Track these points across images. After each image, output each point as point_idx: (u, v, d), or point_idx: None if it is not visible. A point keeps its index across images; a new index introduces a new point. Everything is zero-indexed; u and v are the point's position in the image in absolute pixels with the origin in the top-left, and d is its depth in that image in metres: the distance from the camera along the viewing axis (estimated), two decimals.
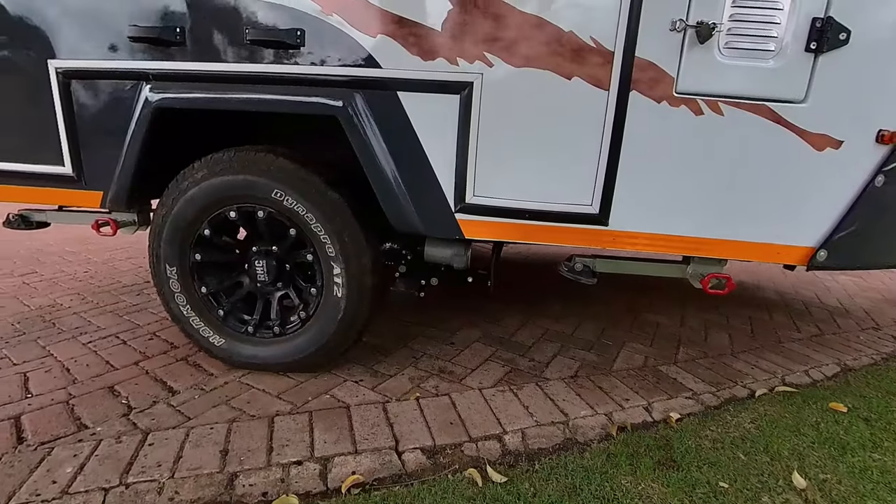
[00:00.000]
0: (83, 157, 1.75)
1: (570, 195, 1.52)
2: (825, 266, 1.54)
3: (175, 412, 1.56)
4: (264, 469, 1.31)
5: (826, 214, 1.49)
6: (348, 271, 1.63)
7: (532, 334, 2.25)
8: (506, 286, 2.92)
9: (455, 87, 1.47)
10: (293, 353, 1.75)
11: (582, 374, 1.90)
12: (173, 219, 1.69)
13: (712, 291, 1.65)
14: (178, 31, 1.55)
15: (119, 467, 1.30)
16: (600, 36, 1.39)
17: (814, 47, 1.34)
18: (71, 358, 1.90)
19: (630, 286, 3.06)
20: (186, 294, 1.78)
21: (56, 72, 1.65)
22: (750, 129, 1.42)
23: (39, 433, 1.44)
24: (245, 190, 1.62)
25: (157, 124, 1.63)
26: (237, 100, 1.58)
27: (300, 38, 1.49)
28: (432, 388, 1.74)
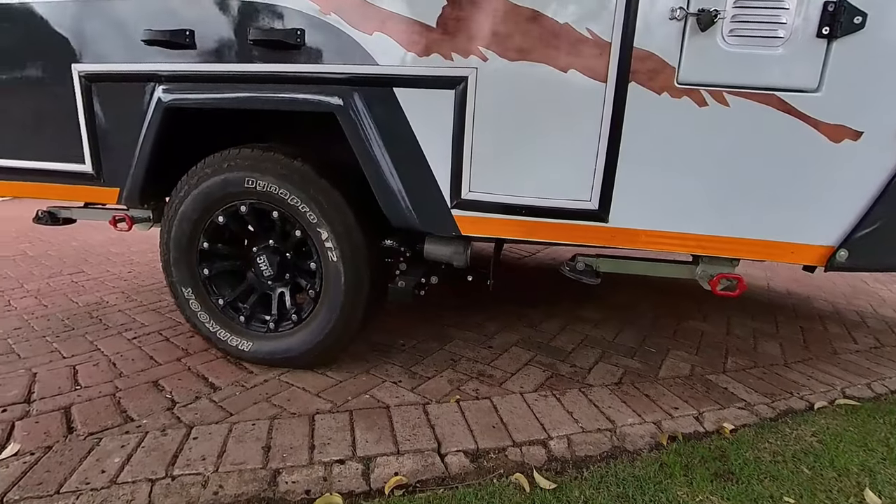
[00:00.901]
0: (102, 155, 1.82)
1: (568, 191, 1.46)
2: (846, 267, 1.41)
3: (217, 408, 1.57)
4: (307, 467, 1.29)
5: (845, 211, 1.37)
6: (334, 231, 1.61)
7: (572, 340, 2.19)
8: (542, 291, 2.86)
9: (450, 81, 1.45)
10: (317, 333, 1.72)
11: (626, 382, 1.83)
12: (175, 241, 1.78)
13: (722, 293, 1.56)
14: (188, 34, 1.61)
15: (165, 459, 1.30)
16: (596, 27, 1.34)
17: (826, 32, 1.24)
18: (117, 353, 1.94)
19: (670, 293, 2.96)
20: (208, 311, 1.83)
21: (79, 75, 1.74)
22: (758, 121, 1.33)
23: (88, 424, 1.47)
24: (228, 188, 1.67)
25: (169, 123, 1.68)
26: (239, 99, 1.62)
27: (300, 38, 1.52)
28: (472, 392, 1.70)
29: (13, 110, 1.87)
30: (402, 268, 1.78)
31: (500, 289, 2.84)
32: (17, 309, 2.45)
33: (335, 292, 1.67)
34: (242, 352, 1.81)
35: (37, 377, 1.74)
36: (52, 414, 1.52)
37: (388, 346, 2.05)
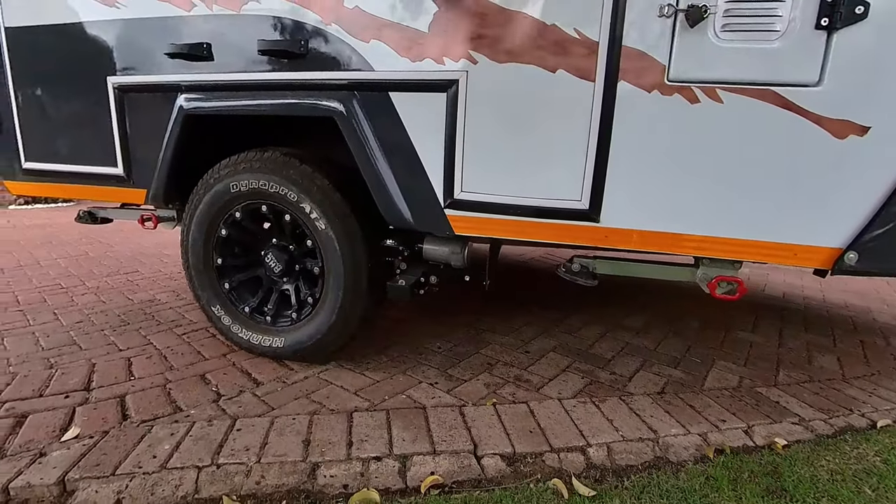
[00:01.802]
0: (131, 159, 1.98)
1: (559, 190, 1.46)
2: (856, 270, 1.33)
3: (260, 401, 1.61)
4: (345, 462, 1.31)
5: (853, 211, 1.28)
6: (322, 209, 1.67)
7: (611, 347, 2.14)
8: (579, 298, 2.81)
9: (441, 85, 1.48)
10: (333, 310, 1.75)
11: (669, 391, 1.77)
12: (194, 264, 1.94)
13: (721, 296, 1.50)
14: (206, 46, 1.74)
15: (211, 448, 1.35)
16: (584, 27, 1.34)
17: (825, 24, 1.19)
18: (168, 347, 2.04)
19: (719, 303, 2.84)
20: (239, 322, 1.92)
21: (113, 87, 1.91)
22: (754, 117, 1.28)
23: (141, 412, 1.54)
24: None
25: (189, 130, 1.82)
26: (249, 106, 1.73)
27: (304, 47, 1.60)
28: (509, 396, 1.69)
29: (59, 120, 2.07)
30: (402, 267, 1.82)
31: (536, 295, 2.81)
32: (78, 304, 2.61)
33: (335, 263, 1.72)
34: (278, 348, 1.87)
35: (95, 367, 1.85)
36: (109, 401, 1.60)
37: (425, 349, 2.06)
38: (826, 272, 1.40)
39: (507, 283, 3.05)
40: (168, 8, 1.75)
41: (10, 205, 7.29)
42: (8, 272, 3.35)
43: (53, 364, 1.88)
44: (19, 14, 1.99)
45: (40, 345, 2.07)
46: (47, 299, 2.71)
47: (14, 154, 2.19)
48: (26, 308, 2.56)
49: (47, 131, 2.10)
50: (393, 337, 2.18)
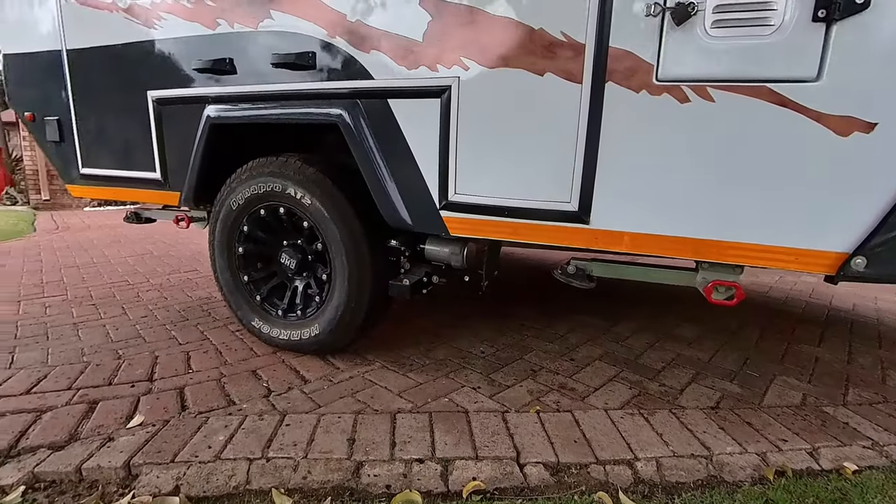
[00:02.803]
0: (167, 164, 2.16)
1: (549, 192, 1.47)
2: (865, 276, 1.24)
3: (307, 399, 1.66)
4: (388, 462, 1.33)
5: (860, 212, 1.20)
6: (311, 194, 1.78)
7: (661, 358, 2.06)
8: (628, 305, 2.72)
9: (435, 91, 1.54)
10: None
11: (724, 406, 1.68)
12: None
13: (717, 302, 1.47)
14: (228, 61, 1.87)
15: (261, 442, 1.41)
16: (570, 29, 1.35)
17: (822, 16, 1.13)
18: (223, 343, 2.14)
19: (780, 314, 2.68)
20: (278, 324, 2.00)
21: (152, 100, 2.10)
22: (749, 115, 1.23)
23: (198, 403, 1.63)
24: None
25: (215, 137, 1.96)
26: (263, 115, 1.86)
27: (311, 59, 1.71)
28: (553, 403, 1.65)
29: (109, 130, 2.28)
30: (406, 267, 1.87)
31: (582, 301, 2.75)
32: (143, 300, 2.79)
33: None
34: (305, 339, 1.96)
35: (158, 359, 1.97)
36: (170, 392, 1.70)
37: (468, 353, 2.06)
38: (835, 280, 1.32)
39: (550, 288, 3.00)
40: (196, 27, 1.91)
41: (86, 206, 7.88)
42: (83, 269, 3.63)
43: (121, 355, 2.01)
44: (78, 37, 2.22)
45: (110, 337, 2.23)
46: (116, 294, 2.92)
47: (73, 161, 2.42)
48: (98, 302, 2.77)
49: (99, 140, 2.33)
50: (436, 339, 2.19)
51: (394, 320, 2.41)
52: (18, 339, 2.21)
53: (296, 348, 2.00)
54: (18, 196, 8.53)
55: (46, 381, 1.78)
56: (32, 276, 3.43)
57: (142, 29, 2.04)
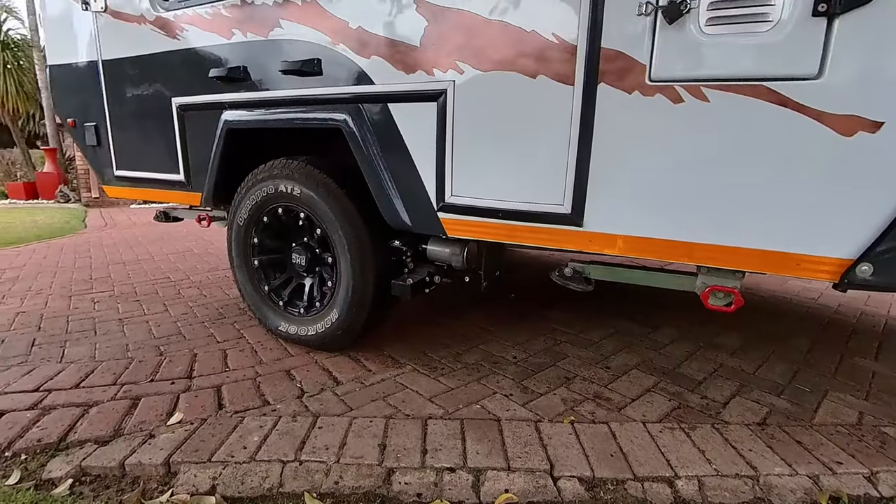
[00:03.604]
0: (190, 166, 2.28)
1: (542, 195, 1.47)
2: (871, 285, 1.17)
3: (339, 401, 1.67)
4: (419, 470, 1.32)
5: (865, 217, 1.14)
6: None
7: (702, 368, 1.97)
8: (667, 311, 2.63)
9: (432, 95, 1.57)
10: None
11: (771, 423, 1.59)
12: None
13: (714, 307, 1.43)
14: (243, 69, 1.96)
15: (294, 444, 1.42)
16: (562, 31, 1.35)
17: (823, 10, 1.08)
18: (258, 341, 2.18)
19: (833, 324, 2.52)
20: (307, 322, 2.05)
21: (176, 106, 2.22)
22: (746, 115, 1.19)
23: (235, 402, 1.66)
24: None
25: (232, 141, 2.06)
26: (272, 119, 1.94)
27: (317, 66, 1.77)
28: (588, 414, 1.61)
29: (139, 134, 2.44)
30: (410, 266, 1.91)
31: (618, 306, 2.67)
32: (184, 297, 2.88)
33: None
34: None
35: (197, 357, 2.03)
36: (208, 390, 1.75)
37: (500, 358, 2.03)
38: (844, 288, 1.25)
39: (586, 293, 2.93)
40: (214, 37, 2.03)
41: (132, 204, 8.23)
42: (129, 265, 3.79)
43: (163, 352, 2.08)
44: (112, 49, 2.37)
45: (152, 333, 2.31)
46: (159, 291, 3.03)
47: (109, 163, 2.59)
48: (142, 298, 2.88)
49: (131, 144, 2.49)
50: (467, 343, 2.17)
51: (424, 323, 2.41)
52: (69, 334, 2.31)
53: (304, 342, 2.08)
54: (71, 194, 9.01)
55: (94, 375, 1.86)
56: (82, 271, 3.60)
57: (166, 39, 2.17)
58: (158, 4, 2.17)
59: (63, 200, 8.94)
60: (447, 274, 1.92)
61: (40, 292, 3.05)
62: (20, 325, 2.46)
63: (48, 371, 1.90)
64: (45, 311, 2.66)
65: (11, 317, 2.58)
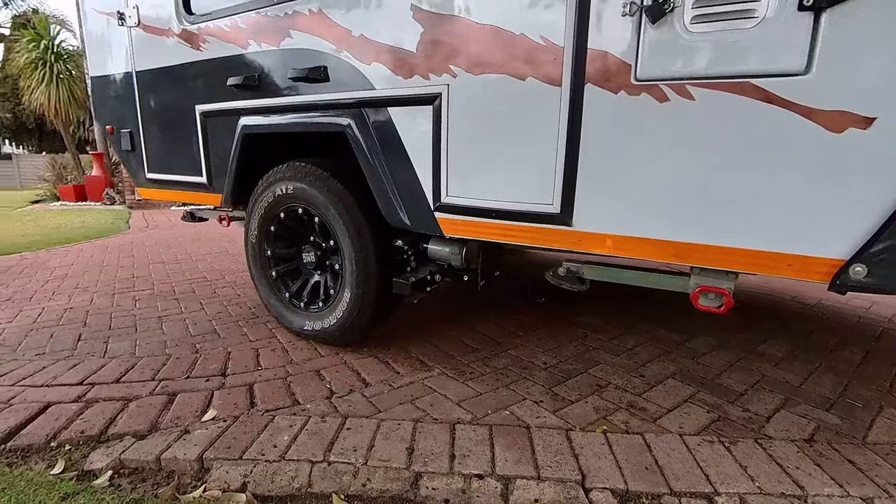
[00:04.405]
0: (211, 169, 2.40)
1: (532, 195, 1.49)
2: (866, 286, 1.14)
3: (368, 402, 1.68)
4: (447, 475, 1.30)
5: (858, 216, 1.11)
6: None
7: (744, 379, 1.88)
8: (706, 318, 2.53)
9: (428, 98, 1.62)
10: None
11: (820, 440, 1.50)
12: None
13: (703, 308, 1.42)
14: (257, 77, 2.06)
15: (323, 444, 1.43)
16: (549, 34, 1.37)
17: (809, 4, 1.06)
18: (289, 341, 2.22)
19: (881, 331, 2.37)
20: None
21: (199, 113, 2.34)
22: (732, 113, 1.18)
23: (266, 401, 1.69)
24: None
25: (248, 145, 2.17)
26: (282, 124, 2.03)
27: (323, 73, 1.85)
28: (621, 424, 1.55)
29: (167, 140, 2.59)
30: (412, 265, 1.96)
31: (654, 312, 2.59)
32: (219, 296, 2.96)
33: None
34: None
35: (230, 355, 2.07)
36: (240, 388, 1.78)
37: (529, 363, 1.99)
38: (843, 290, 1.21)
39: (618, 297, 2.85)
40: (232, 48, 2.15)
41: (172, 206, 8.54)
42: (168, 265, 3.92)
43: (198, 349, 2.14)
44: (144, 60, 2.54)
45: (189, 331, 2.38)
46: (196, 290, 3.12)
47: (142, 167, 2.75)
48: (180, 297, 2.97)
49: (160, 149, 2.65)
50: (497, 347, 2.14)
51: (453, 326, 2.39)
52: (112, 330, 2.41)
53: (313, 337, 2.16)
54: (116, 196, 9.43)
55: (133, 371, 1.93)
56: (125, 270, 3.75)
57: (191, 51, 2.31)
58: (184, 18, 2.31)
59: (109, 202, 9.37)
60: (448, 273, 1.96)
61: (86, 289, 3.20)
62: (67, 320, 2.58)
63: (92, 365, 1.98)
64: (90, 308, 2.78)
65: (60, 312, 2.71)
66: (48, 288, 3.27)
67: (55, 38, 10.58)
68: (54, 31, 10.76)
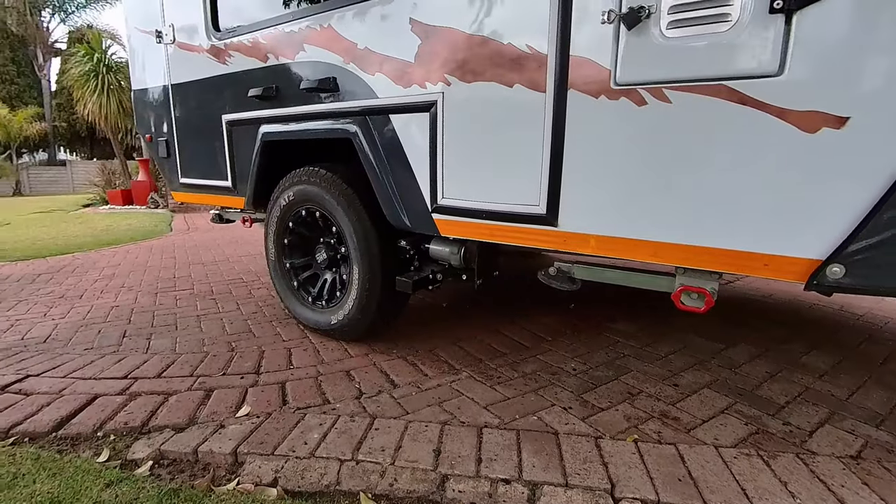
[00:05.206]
0: (236, 174, 2.57)
1: (520, 196, 1.54)
2: (845, 287, 1.15)
3: (396, 403, 1.69)
4: (473, 479, 1.30)
5: (834, 216, 1.11)
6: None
7: (785, 391, 1.80)
8: (744, 327, 2.43)
9: (425, 106, 1.70)
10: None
11: (869, 457, 1.42)
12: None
13: (685, 308, 1.44)
14: (276, 88, 2.20)
15: (352, 443, 1.45)
16: (534, 41, 1.43)
17: (779, 6, 1.08)
18: (321, 342, 2.26)
19: None
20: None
21: (225, 122, 2.50)
22: (708, 115, 1.20)
23: (297, 399, 1.73)
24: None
25: (268, 152, 2.31)
26: (297, 131, 2.16)
27: (332, 83, 1.96)
28: (653, 433, 1.52)
29: (197, 147, 2.79)
30: (416, 264, 2.06)
31: (690, 319, 2.51)
32: (255, 297, 3.05)
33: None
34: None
35: (264, 354, 2.13)
36: (273, 386, 1.83)
37: (559, 368, 1.97)
38: (828, 292, 1.23)
39: (651, 302, 2.78)
40: (254, 62, 2.30)
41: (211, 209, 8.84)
42: (207, 266, 4.07)
43: (234, 347, 2.21)
44: (178, 74, 2.75)
45: (226, 329, 2.46)
46: (232, 290, 3.23)
47: (176, 172, 2.95)
48: (218, 297, 3.08)
49: (192, 156, 2.84)
50: (525, 352, 2.13)
51: (481, 330, 2.39)
52: (154, 327, 2.52)
53: (324, 331, 2.28)
54: (160, 200, 9.86)
55: (174, 366, 2.01)
56: (167, 270, 3.92)
57: (218, 65, 2.49)
58: (212, 35, 2.49)
59: (153, 206, 9.81)
60: (449, 272, 2.03)
61: (131, 288, 3.36)
62: (114, 317, 2.71)
63: (135, 361, 2.08)
64: (134, 306, 2.91)
65: (107, 310, 2.85)
66: (97, 287, 3.45)
67: (106, 51, 11.19)
68: (106, 45, 11.38)
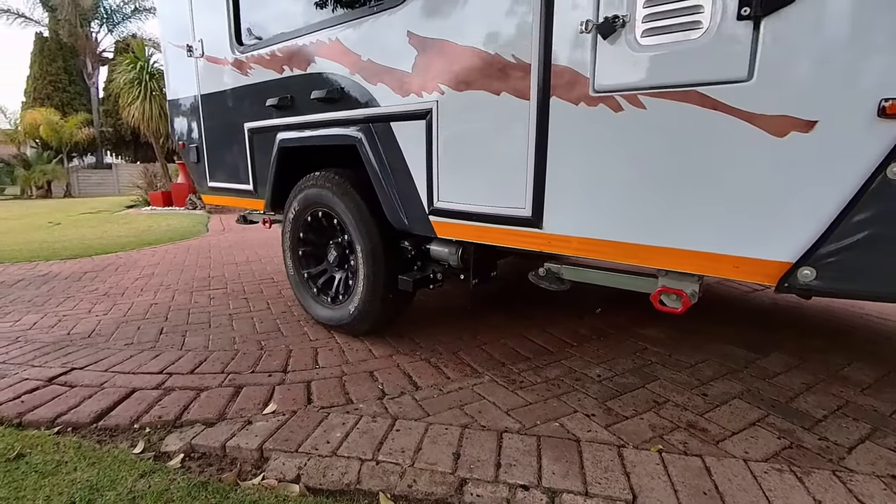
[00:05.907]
0: (256, 178, 2.74)
1: (508, 199, 1.62)
2: (816, 290, 1.16)
3: (417, 405, 1.71)
4: (492, 483, 1.30)
5: (804, 219, 1.13)
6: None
7: (822, 403, 1.72)
8: (776, 335, 2.34)
9: (421, 114, 1.80)
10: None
11: None
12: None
13: (664, 309, 1.47)
14: (290, 98, 2.35)
15: (373, 444, 1.47)
16: (519, 52, 1.50)
17: (746, 13, 1.10)
18: (346, 342, 2.30)
19: None
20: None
21: (247, 130, 2.67)
22: (680, 120, 1.23)
23: (322, 398, 1.76)
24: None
25: (285, 158, 2.45)
26: (307, 138, 2.30)
27: (340, 93, 2.10)
28: (679, 444, 1.48)
29: (223, 152, 2.97)
30: (418, 264, 2.15)
31: (722, 326, 2.43)
32: (284, 297, 3.13)
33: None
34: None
35: (291, 353, 2.19)
36: (299, 385, 1.87)
37: (582, 375, 1.94)
38: (807, 296, 1.24)
39: None
40: (272, 73, 2.45)
41: None
42: (240, 266, 4.20)
43: (263, 346, 2.28)
44: (207, 85, 2.94)
45: (256, 328, 2.54)
46: (263, 290, 3.32)
47: (205, 176, 3.16)
48: (249, 296, 3.17)
49: (218, 161, 3.03)
50: (549, 357, 2.11)
51: (505, 334, 2.38)
52: (189, 325, 2.62)
53: (335, 326, 2.40)
54: (198, 202, 10.23)
55: (206, 363, 2.08)
56: (203, 270, 4.06)
57: (240, 76, 2.67)
58: (235, 49, 2.66)
59: (191, 208, 10.18)
60: (450, 272, 2.10)
61: (169, 287, 3.50)
62: (152, 314, 2.83)
63: (171, 357, 2.16)
64: (171, 304, 3.04)
65: (146, 307, 2.98)
66: (137, 285, 3.61)
67: (149, 59, 11.70)
68: (148, 53, 11.91)
